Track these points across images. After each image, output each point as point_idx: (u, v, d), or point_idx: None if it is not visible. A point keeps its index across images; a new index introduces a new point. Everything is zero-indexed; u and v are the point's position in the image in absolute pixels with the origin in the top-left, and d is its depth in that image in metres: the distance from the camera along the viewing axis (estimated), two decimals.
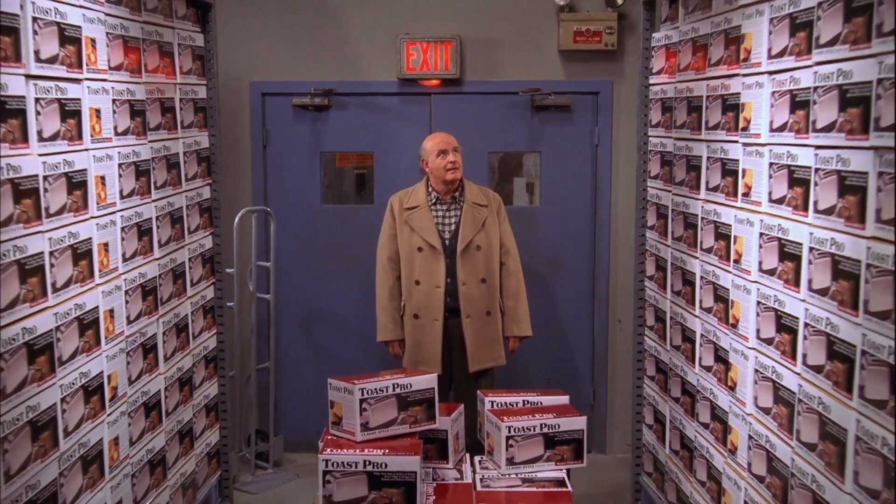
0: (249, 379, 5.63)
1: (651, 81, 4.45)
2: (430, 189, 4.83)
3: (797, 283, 2.77)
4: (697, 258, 3.76)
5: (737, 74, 3.31)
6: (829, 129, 2.56)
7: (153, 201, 3.74)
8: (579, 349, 5.92)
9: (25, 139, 2.62)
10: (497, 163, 6.05)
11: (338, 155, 5.94)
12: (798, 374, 2.77)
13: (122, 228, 3.41)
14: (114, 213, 3.33)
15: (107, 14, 3.23)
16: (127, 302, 3.40)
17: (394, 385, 3.79)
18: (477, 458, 4.11)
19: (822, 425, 2.59)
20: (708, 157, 3.62)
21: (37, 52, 2.70)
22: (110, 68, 3.26)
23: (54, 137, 2.80)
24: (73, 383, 2.93)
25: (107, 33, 3.23)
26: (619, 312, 5.70)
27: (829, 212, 2.55)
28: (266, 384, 5.74)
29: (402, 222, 4.82)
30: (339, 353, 5.92)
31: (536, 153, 5.89)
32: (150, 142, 3.67)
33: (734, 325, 3.33)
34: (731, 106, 3.36)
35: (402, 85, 5.78)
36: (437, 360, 4.73)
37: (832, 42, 2.55)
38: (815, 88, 2.65)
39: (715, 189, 3.54)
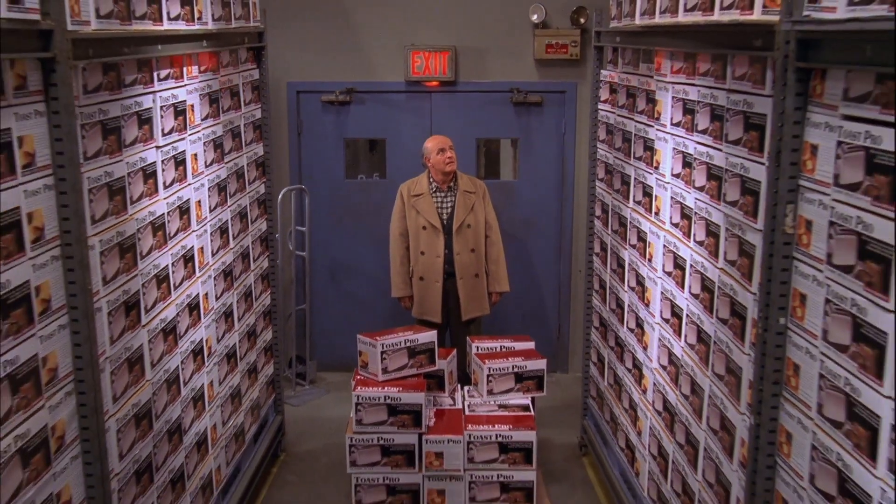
0: (290, 317, 6.51)
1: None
2: (431, 180, 5.54)
3: (689, 236, 3.56)
4: (629, 207, 4.54)
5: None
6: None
7: (225, 164, 4.45)
8: (548, 293, 6.73)
9: (156, 190, 3.48)
10: (484, 146, 6.80)
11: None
12: (686, 299, 3.64)
13: (209, 189, 4.14)
14: (202, 177, 4.06)
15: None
16: (211, 241, 4.19)
17: (405, 340, 4.69)
18: (466, 389, 5.00)
19: (698, 332, 3.54)
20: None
21: (161, 129, 3.54)
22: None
23: (173, 183, 3.65)
24: (189, 347, 3.86)
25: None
26: (578, 264, 6.46)
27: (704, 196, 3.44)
28: (302, 320, 6.60)
29: (410, 206, 5.53)
30: (359, 296, 6.69)
31: (515, 139, 6.62)
32: (223, 123, 4.42)
33: (650, 259, 4.16)
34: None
35: (408, 85, 6.36)
36: (438, 311, 5.54)
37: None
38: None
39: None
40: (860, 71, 2.21)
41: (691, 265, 3.55)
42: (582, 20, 6.07)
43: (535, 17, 6.08)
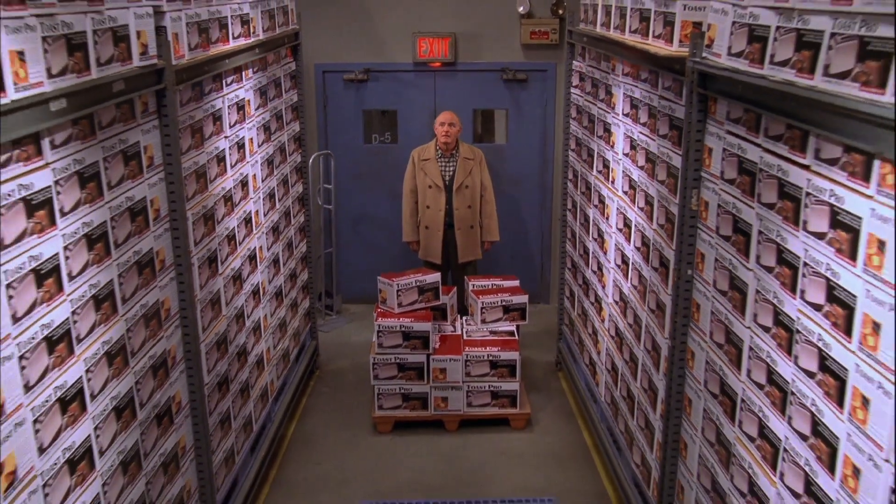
0: (319, 258, 7.23)
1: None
2: (437, 148, 6.17)
3: (634, 202, 4.38)
4: (593, 175, 5.25)
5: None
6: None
7: (272, 142, 5.10)
8: (533, 239, 7.37)
9: (225, 170, 4.20)
10: (481, 115, 7.42)
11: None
12: (631, 251, 4.43)
13: (262, 163, 4.82)
14: (255, 155, 4.73)
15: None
16: (264, 205, 4.90)
17: (415, 281, 5.41)
18: (464, 318, 5.74)
19: (639, 276, 4.30)
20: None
21: (228, 123, 4.24)
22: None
23: (236, 163, 4.36)
24: (250, 289, 4.61)
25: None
26: (557, 213, 7.13)
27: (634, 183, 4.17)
28: (329, 262, 7.32)
29: (419, 169, 6.17)
30: (375, 241, 7.34)
31: (505, 110, 7.22)
32: (269, 110, 5.09)
33: (607, 218, 4.90)
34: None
35: (415, 65, 6.89)
36: (439, 254, 6.20)
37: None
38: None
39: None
40: (734, 101, 2.92)
41: (635, 225, 4.28)
42: (560, 11, 6.64)
43: (521, 9, 6.65)
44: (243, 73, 4.47)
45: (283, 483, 4.85)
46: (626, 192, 4.46)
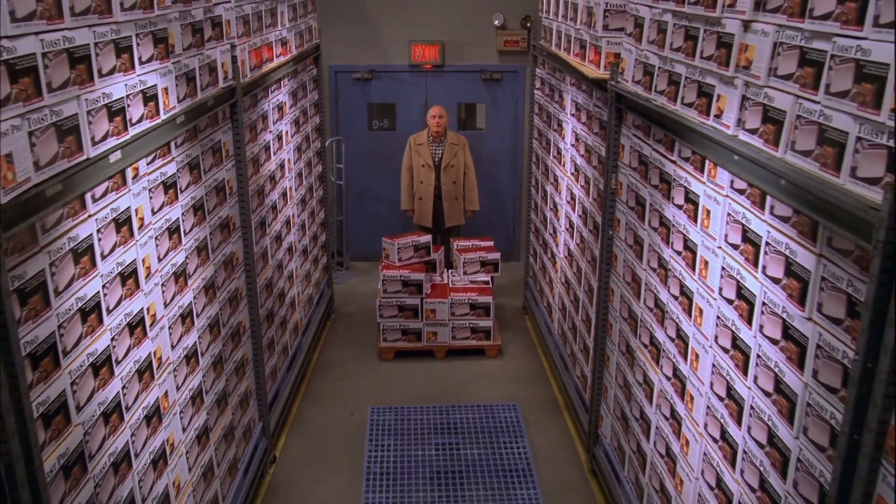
0: (333, 224, 8.16)
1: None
2: (429, 135, 7.06)
3: (577, 181, 5.34)
4: (550, 159, 6.25)
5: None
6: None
7: (300, 133, 6.02)
8: (507, 206, 8.20)
9: (270, 157, 5.13)
10: (465, 107, 8.29)
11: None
12: (576, 218, 5.40)
13: (293, 150, 5.70)
14: (289, 144, 5.64)
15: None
16: (295, 182, 5.91)
17: (412, 241, 6.34)
18: (449, 271, 6.70)
19: (581, 237, 5.28)
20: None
21: (272, 120, 5.16)
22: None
23: (277, 151, 5.28)
24: (286, 246, 5.55)
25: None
26: (525, 188, 8.04)
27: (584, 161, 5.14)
28: (340, 227, 8.22)
29: (414, 152, 7.03)
30: (377, 210, 8.14)
31: (484, 103, 8.06)
32: (298, 108, 6.04)
33: (560, 193, 5.90)
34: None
35: (411, 67, 7.67)
36: (430, 220, 7.03)
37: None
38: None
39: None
40: (636, 114, 3.88)
41: (578, 198, 5.25)
42: (528, 24, 7.51)
43: (496, 22, 7.51)
44: (281, 81, 5.38)
45: (310, 394, 5.84)
46: (572, 174, 5.42)
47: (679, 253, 3.34)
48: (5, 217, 1.96)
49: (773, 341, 2.52)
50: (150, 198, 3.10)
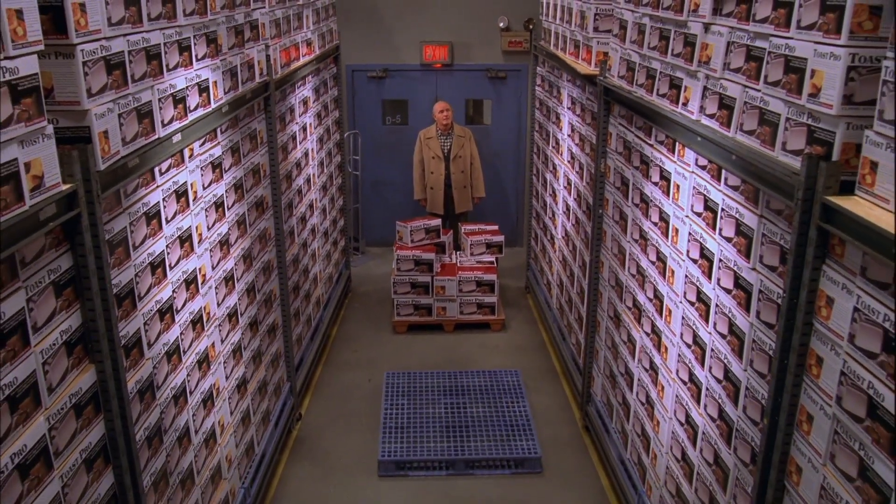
0: (349, 211, 8.61)
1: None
2: (437, 129, 7.50)
3: (572, 167, 5.77)
4: (549, 149, 6.67)
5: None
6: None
7: (321, 125, 6.49)
8: (511, 195, 8.60)
9: (296, 146, 5.56)
10: (472, 103, 8.69)
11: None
12: (572, 201, 5.82)
13: (315, 141, 6.17)
14: (312, 135, 6.18)
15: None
16: (318, 170, 6.35)
17: (423, 224, 6.76)
18: (458, 252, 7.14)
19: (576, 219, 5.71)
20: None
21: (298, 113, 5.59)
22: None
23: (302, 141, 5.71)
24: (310, 227, 5.99)
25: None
26: (527, 177, 8.44)
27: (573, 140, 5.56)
28: (356, 213, 8.66)
29: (424, 144, 7.45)
30: (390, 198, 8.55)
31: (490, 100, 8.47)
32: (320, 103, 6.49)
33: (557, 179, 6.31)
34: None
35: (422, 66, 8.05)
36: (441, 207, 7.45)
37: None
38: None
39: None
40: (621, 106, 4.29)
41: (574, 183, 5.67)
42: (531, 27, 7.92)
43: (501, 24, 7.91)
44: (306, 78, 5.82)
45: (331, 362, 6.29)
46: (569, 161, 5.84)
47: (656, 224, 3.77)
48: (102, 180, 2.40)
49: (727, 291, 2.95)
50: (202, 175, 3.54)
